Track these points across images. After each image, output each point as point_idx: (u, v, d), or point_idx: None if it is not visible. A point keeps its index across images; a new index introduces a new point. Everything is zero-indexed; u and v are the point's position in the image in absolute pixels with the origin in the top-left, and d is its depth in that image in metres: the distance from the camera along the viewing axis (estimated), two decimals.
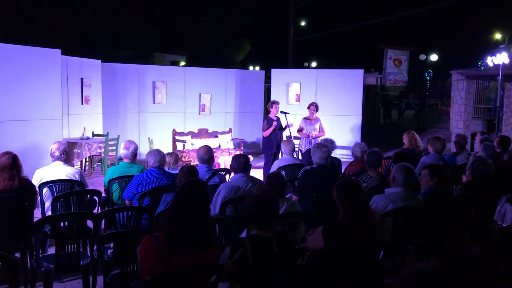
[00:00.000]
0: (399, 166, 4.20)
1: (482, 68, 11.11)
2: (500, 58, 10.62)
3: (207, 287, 2.84)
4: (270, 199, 2.97)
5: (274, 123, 8.57)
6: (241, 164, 4.70)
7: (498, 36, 25.11)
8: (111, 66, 11.46)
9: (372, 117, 20.66)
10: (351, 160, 7.56)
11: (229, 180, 4.95)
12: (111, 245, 4.00)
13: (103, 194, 5.29)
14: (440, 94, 21.46)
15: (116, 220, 4.06)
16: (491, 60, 11.38)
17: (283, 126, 8.79)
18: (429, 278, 1.45)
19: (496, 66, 11.04)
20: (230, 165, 4.88)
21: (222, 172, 5.67)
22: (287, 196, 4.65)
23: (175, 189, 4.34)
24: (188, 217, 2.70)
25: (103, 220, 4.60)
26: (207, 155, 5.25)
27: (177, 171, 5.54)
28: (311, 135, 8.81)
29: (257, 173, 8.37)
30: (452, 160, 6.96)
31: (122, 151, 5.52)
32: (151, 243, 2.71)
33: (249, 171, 4.83)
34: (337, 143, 7.51)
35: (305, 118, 9.07)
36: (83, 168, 9.77)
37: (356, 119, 11.99)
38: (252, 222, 2.99)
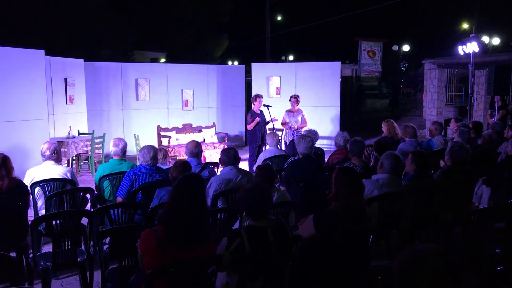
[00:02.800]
0: (388, 153, 4.28)
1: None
2: (470, 47, 10.82)
3: (206, 277, 2.87)
4: (264, 190, 3.01)
5: (258, 118, 8.58)
6: (231, 157, 4.72)
7: (465, 25, 25.54)
8: (94, 65, 11.29)
9: (350, 108, 20.83)
10: (333, 150, 7.64)
11: (219, 173, 4.97)
12: (107, 241, 3.99)
13: (95, 192, 5.25)
14: (413, 83, 21.74)
15: (111, 217, 4.04)
16: (461, 49, 11.58)
17: (267, 121, 8.82)
18: (428, 259, 1.49)
19: (467, 55, 11.24)
20: (220, 159, 4.90)
21: (210, 166, 5.69)
22: (276, 186, 4.70)
23: (170, 184, 4.39)
24: (187, 211, 2.71)
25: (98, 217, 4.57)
26: (197, 149, 5.26)
27: (167, 166, 5.55)
28: (293, 126, 8.87)
29: (242, 165, 8.38)
30: (428, 146, 7.10)
31: (111, 149, 5.48)
32: (151, 237, 2.71)
33: (238, 163, 4.86)
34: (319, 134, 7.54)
35: (288, 111, 9.11)
36: (70, 167, 9.64)
37: (334, 110, 12.09)
38: (247, 213, 3.02)
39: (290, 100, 9.11)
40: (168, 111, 12.04)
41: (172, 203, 2.78)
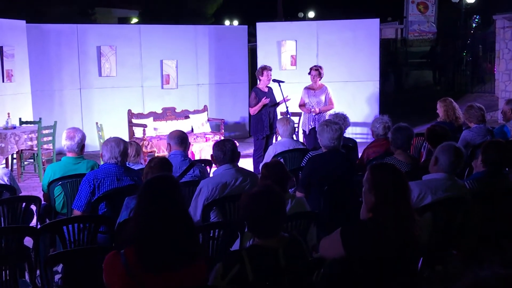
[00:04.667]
0: (445, 145, 4.26)
1: None
2: None
3: None
4: (275, 197, 3.00)
5: (265, 99, 8.55)
6: (227, 152, 4.71)
7: None
8: (40, 28, 11.33)
9: (393, 83, 20.76)
10: (370, 140, 7.62)
11: (212, 175, 4.96)
12: (59, 269, 4.01)
13: (42, 202, 5.27)
14: (480, 46, 21.57)
15: (65, 235, 4.06)
16: None
17: (278, 102, 8.79)
18: None
19: None
20: (212, 155, 4.90)
21: (201, 164, 5.71)
22: (290, 191, 4.70)
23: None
24: (159, 225, 2.72)
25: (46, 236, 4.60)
26: (184, 135, 5.33)
27: (140, 166, 5.57)
28: (314, 109, 8.84)
29: (245, 163, 8.40)
30: (501, 133, 7.07)
31: (64, 143, 5.51)
32: (117, 262, 2.73)
33: (237, 161, 4.86)
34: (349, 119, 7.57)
35: (307, 88, 9.09)
36: (8, 168, 9.69)
37: (372, 86, 12.07)
38: (251, 229, 3.02)
39: (310, 73, 9.09)
40: (142, 90, 12.07)
41: (138, 216, 2.80)
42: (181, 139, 5.39)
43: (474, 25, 24.74)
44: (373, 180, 3.20)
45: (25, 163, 9.75)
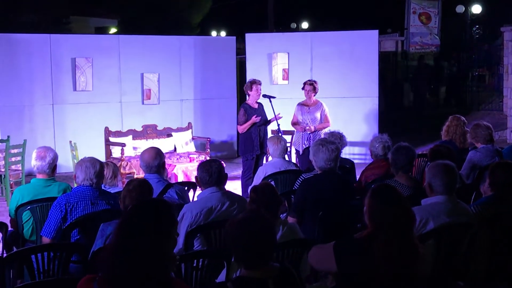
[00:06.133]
0: (433, 167, 4.26)
1: None
2: None
3: None
4: (264, 223, 2.99)
5: (256, 118, 8.55)
6: (213, 173, 4.70)
7: None
8: (9, 38, 11.33)
9: (393, 99, 20.86)
10: (368, 161, 7.64)
11: (196, 198, 4.94)
12: None
13: (9, 228, 5.23)
14: (487, 61, 21.75)
15: (33, 265, 4.02)
16: None
17: (269, 119, 8.80)
18: None
19: None
20: (196, 177, 4.89)
21: (182, 186, 5.67)
22: (281, 217, 4.69)
23: (119, 216, 4.37)
24: (140, 258, 2.68)
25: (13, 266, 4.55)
26: (157, 160, 5.26)
27: (117, 189, 5.54)
28: (308, 128, 8.86)
29: (233, 186, 8.38)
30: (510, 154, 7.10)
31: (34, 163, 5.49)
32: None
33: (224, 183, 4.85)
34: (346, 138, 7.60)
35: (300, 104, 9.11)
36: None
37: (370, 102, 12.10)
38: (238, 258, 3.01)
39: (303, 88, 9.12)
40: (121, 106, 12.05)
41: (116, 246, 2.74)
42: (150, 168, 5.28)
43: (479, 36, 25.00)
44: (370, 209, 3.23)
45: None
